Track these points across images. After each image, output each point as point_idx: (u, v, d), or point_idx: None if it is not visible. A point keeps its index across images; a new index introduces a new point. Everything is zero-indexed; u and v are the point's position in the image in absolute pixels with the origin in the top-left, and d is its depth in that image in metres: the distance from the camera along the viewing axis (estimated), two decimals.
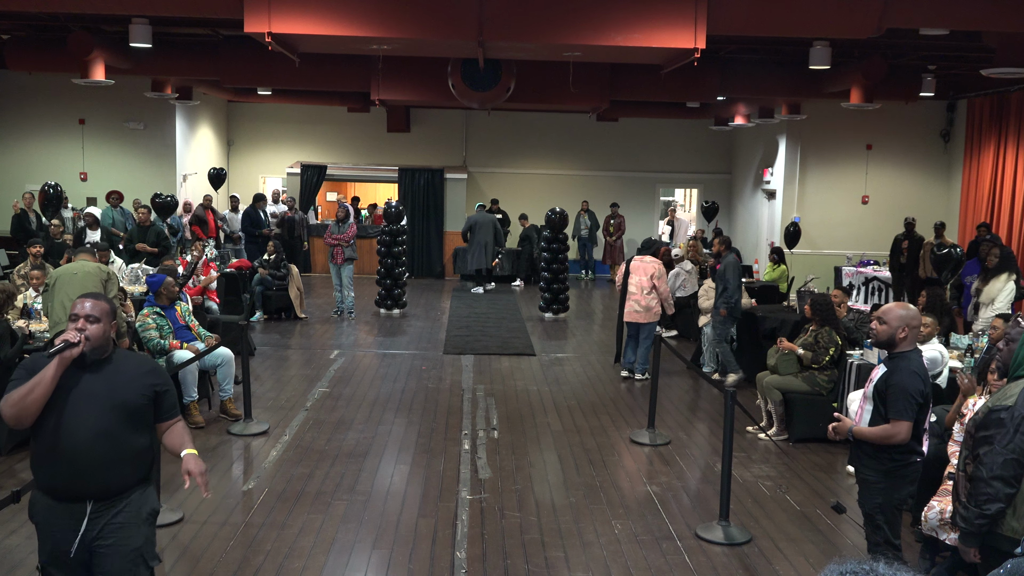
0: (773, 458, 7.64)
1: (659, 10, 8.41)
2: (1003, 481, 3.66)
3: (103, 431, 3.60)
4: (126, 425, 3.66)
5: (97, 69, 11.83)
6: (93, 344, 3.64)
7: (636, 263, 10.26)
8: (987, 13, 8.46)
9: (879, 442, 4.49)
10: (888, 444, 4.46)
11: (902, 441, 4.44)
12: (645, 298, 10.08)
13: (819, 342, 7.98)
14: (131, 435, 3.69)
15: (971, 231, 15.50)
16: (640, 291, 10.09)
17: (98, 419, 3.60)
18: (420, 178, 19.69)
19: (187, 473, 3.76)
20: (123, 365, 3.75)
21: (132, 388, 3.70)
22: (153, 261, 12.47)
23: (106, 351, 3.71)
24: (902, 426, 4.41)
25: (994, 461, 3.68)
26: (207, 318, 10.05)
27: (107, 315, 3.69)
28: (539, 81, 12.98)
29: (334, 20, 8.43)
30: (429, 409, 8.88)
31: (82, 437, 3.58)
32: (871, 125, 16.58)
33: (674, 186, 23.19)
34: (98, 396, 3.63)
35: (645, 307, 10.10)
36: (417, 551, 5.59)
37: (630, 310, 10.15)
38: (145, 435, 3.78)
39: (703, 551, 5.71)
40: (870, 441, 4.53)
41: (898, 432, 4.43)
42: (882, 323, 4.54)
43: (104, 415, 3.61)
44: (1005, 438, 3.67)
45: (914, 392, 4.42)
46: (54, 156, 17.05)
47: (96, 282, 7.31)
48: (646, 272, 10.11)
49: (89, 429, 3.59)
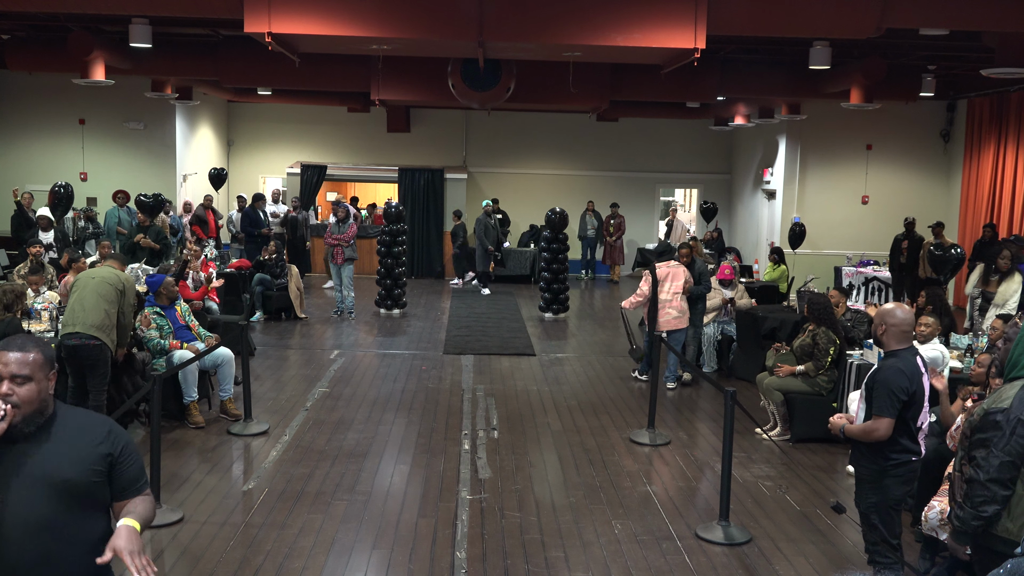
0: (773, 458, 7.64)
1: (659, 10, 8.41)
2: (999, 484, 3.67)
3: (41, 522, 2.79)
4: (72, 511, 2.83)
5: (97, 69, 11.83)
6: (25, 412, 2.80)
7: (665, 270, 9.76)
8: (987, 13, 8.46)
9: (862, 438, 4.55)
10: (874, 441, 4.50)
11: (881, 437, 4.46)
12: (681, 304, 9.75)
13: (818, 343, 7.98)
14: (80, 523, 2.86)
15: (971, 231, 15.51)
16: (675, 297, 9.71)
17: (34, 507, 2.78)
18: (420, 178, 19.69)
19: (112, 550, 2.75)
20: (66, 432, 2.88)
21: (79, 462, 2.84)
22: (153, 261, 12.49)
23: (43, 416, 2.86)
24: (882, 422, 4.45)
25: (990, 464, 3.68)
26: (207, 318, 10.05)
27: (42, 368, 2.85)
28: (539, 81, 12.98)
29: (334, 20, 8.43)
30: (429, 409, 8.88)
31: (13, 532, 2.76)
32: (871, 125, 16.58)
33: (674, 186, 23.19)
34: (34, 477, 2.80)
35: (682, 311, 9.74)
36: (417, 551, 5.59)
37: (668, 318, 9.64)
38: (100, 520, 2.94)
39: (703, 551, 5.71)
40: (856, 438, 4.59)
41: (877, 428, 4.47)
42: (879, 325, 4.64)
43: (42, 501, 2.79)
44: (1001, 441, 3.67)
45: (896, 389, 4.45)
46: (54, 156, 17.06)
47: (109, 290, 7.24)
48: (679, 278, 9.75)
49: (22, 521, 2.77)
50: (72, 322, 7.07)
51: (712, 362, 10.64)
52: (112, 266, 7.61)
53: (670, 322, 9.67)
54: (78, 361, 7.11)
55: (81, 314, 7.06)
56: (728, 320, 10.73)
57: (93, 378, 7.16)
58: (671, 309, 9.67)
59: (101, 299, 7.13)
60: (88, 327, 7.03)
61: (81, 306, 7.09)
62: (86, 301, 7.11)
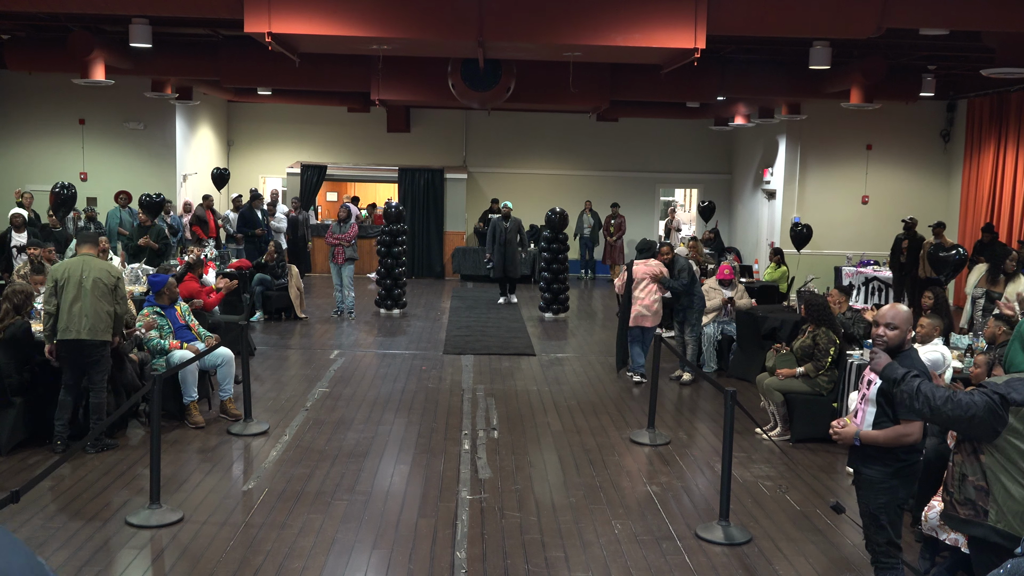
0: (773, 458, 7.64)
1: (659, 10, 8.42)
2: (932, 410, 3.90)
3: None
4: None
5: (97, 69, 11.83)
6: None
7: (639, 266, 10.04)
8: (987, 13, 8.46)
9: (892, 444, 4.43)
10: (905, 444, 4.43)
11: (915, 441, 4.40)
12: (652, 302, 9.93)
13: (818, 344, 7.98)
14: None
15: (971, 231, 15.51)
16: (647, 295, 9.93)
17: None
18: (420, 178, 19.70)
19: None
20: None
21: None
22: (153, 261, 12.47)
23: None
24: (914, 426, 4.38)
25: (947, 400, 3.86)
26: (208, 319, 10.04)
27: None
28: (539, 81, 12.99)
29: (334, 20, 8.44)
30: (429, 409, 8.88)
31: None
32: (871, 125, 16.58)
33: (674, 186, 23.20)
34: None
35: (655, 311, 9.96)
36: (417, 551, 5.59)
37: (637, 314, 9.91)
38: None
39: (703, 551, 5.71)
40: (883, 445, 4.47)
41: (911, 432, 4.39)
42: (892, 328, 4.46)
43: None
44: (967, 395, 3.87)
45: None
46: (54, 156, 17.05)
47: (105, 290, 7.12)
48: (650, 274, 9.99)
49: None
50: (76, 329, 6.99)
51: (712, 362, 10.64)
52: (89, 254, 7.34)
53: (638, 318, 9.97)
54: (80, 358, 7.09)
55: (85, 320, 6.99)
56: (728, 320, 10.73)
57: (95, 374, 7.14)
58: (641, 307, 9.93)
59: (101, 301, 7.08)
60: (95, 334, 7.01)
61: (82, 312, 7.00)
62: (86, 307, 7.01)
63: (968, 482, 3.89)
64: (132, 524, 5.78)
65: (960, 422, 3.77)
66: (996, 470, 3.78)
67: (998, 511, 3.77)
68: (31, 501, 6.03)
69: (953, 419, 3.79)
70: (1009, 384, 3.79)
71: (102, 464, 6.97)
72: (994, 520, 3.78)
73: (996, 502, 3.77)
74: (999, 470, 3.77)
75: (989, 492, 3.80)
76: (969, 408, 3.74)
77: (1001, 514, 3.77)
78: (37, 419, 7.27)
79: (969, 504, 3.88)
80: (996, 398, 3.72)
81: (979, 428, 3.74)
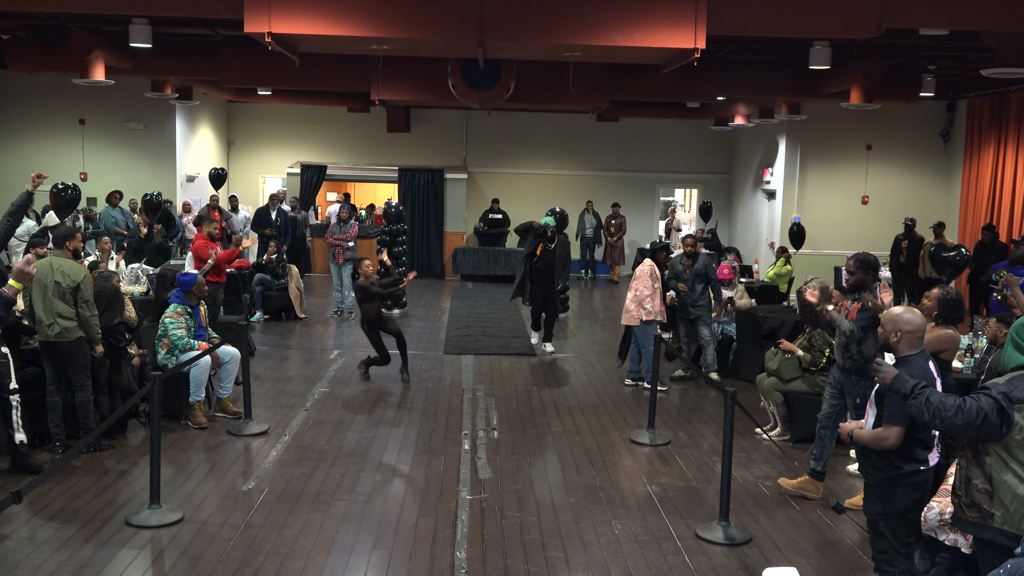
0: (773, 458, 7.64)
1: (659, 10, 8.41)
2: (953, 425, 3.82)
3: None
4: None
5: (97, 69, 11.83)
6: None
7: (643, 268, 9.97)
8: (987, 13, 8.46)
9: (872, 446, 4.46)
10: (882, 449, 4.43)
11: (891, 446, 4.38)
12: (633, 301, 9.83)
13: (814, 344, 7.99)
14: None
15: (971, 231, 15.51)
16: (633, 295, 9.85)
17: None
18: (420, 178, 19.70)
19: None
20: None
21: None
22: (153, 261, 12.48)
23: None
24: (892, 431, 4.37)
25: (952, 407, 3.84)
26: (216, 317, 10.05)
27: None
28: (539, 81, 12.98)
29: (334, 20, 8.44)
30: (429, 409, 8.88)
31: None
32: (871, 125, 16.58)
33: (674, 186, 23.19)
34: None
35: (630, 311, 9.84)
36: (417, 551, 5.59)
37: (624, 313, 9.97)
38: None
39: (703, 551, 5.71)
40: (865, 445, 4.51)
41: (888, 436, 4.38)
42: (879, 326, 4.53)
43: None
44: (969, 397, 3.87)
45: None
46: (54, 156, 17.03)
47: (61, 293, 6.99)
48: (641, 278, 9.86)
49: None
50: (44, 332, 7.01)
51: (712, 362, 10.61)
52: (60, 256, 7.19)
53: (623, 316, 9.98)
54: (56, 356, 7.07)
55: (49, 322, 6.97)
56: (728, 320, 10.72)
57: (74, 372, 7.11)
58: (629, 304, 9.90)
59: (60, 304, 6.98)
60: (62, 335, 6.98)
61: (45, 314, 6.97)
62: (48, 308, 6.95)
63: (973, 485, 3.89)
64: (132, 524, 5.79)
65: (971, 428, 3.77)
66: (1001, 471, 3.78)
67: (1004, 513, 3.78)
68: (32, 501, 6.04)
69: (964, 427, 3.78)
70: (1011, 383, 3.80)
71: (102, 464, 6.97)
72: (1000, 522, 3.79)
73: (1002, 504, 3.78)
74: (1004, 470, 3.77)
75: (994, 495, 3.81)
76: (979, 414, 3.74)
77: (1007, 516, 3.77)
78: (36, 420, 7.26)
79: (976, 507, 3.88)
80: (1001, 398, 3.74)
81: (989, 431, 3.76)
